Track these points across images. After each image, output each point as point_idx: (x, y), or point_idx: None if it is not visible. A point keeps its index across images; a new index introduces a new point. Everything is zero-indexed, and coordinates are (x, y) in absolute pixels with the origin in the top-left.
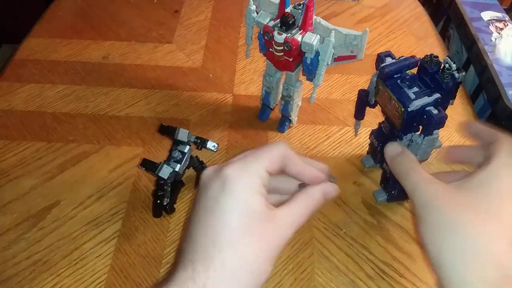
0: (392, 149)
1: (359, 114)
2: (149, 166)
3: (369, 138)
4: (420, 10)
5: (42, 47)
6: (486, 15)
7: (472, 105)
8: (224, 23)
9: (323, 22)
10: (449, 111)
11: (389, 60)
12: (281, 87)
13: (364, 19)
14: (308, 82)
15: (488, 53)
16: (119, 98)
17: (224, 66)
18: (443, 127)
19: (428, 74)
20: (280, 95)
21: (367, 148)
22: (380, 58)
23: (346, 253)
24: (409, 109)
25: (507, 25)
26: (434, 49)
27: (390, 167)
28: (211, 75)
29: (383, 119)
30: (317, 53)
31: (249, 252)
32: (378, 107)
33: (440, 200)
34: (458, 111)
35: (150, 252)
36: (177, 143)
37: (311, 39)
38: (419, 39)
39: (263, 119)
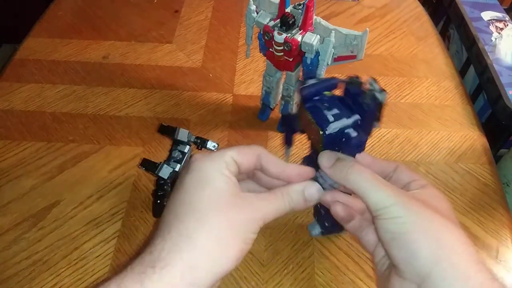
0: (327, 159)
1: (288, 141)
2: (149, 166)
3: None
4: (420, 10)
5: (42, 47)
6: (486, 15)
7: (472, 105)
8: (224, 23)
9: (323, 22)
10: (449, 110)
11: (311, 81)
12: (281, 87)
13: (364, 19)
14: None
15: (488, 53)
16: (119, 98)
17: (224, 66)
18: (363, 150)
19: (351, 96)
20: (280, 95)
21: None
22: (302, 80)
23: (346, 253)
24: (327, 132)
25: (507, 25)
26: (434, 49)
27: (332, 178)
28: (211, 75)
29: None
30: (317, 53)
31: (211, 222)
32: None
33: (425, 211)
34: (458, 111)
35: None
36: (177, 143)
37: (311, 39)
38: (419, 39)
39: (263, 119)
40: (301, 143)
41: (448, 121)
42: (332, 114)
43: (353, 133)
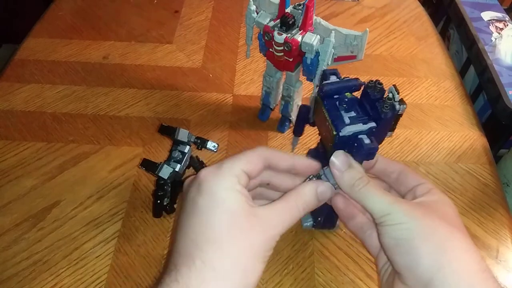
0: (341, 164)
1: (298, 131)
2: (149, 166)
3: (306, 157)
4: (420, 10)
5: (42, 47)
6: (486, 15)
7: (472, 105)
8: (224, 23)
9: (323, 22)
10: (449, 111)
11: (333, 78)
12: (281, 87)
13: (364, 19)
14: (308, 82)
15: (488, 53)
16: (119, 98)
17: (224, 66)
18: (372, 158)
19: (370, 100)
20: (280, 95)
21: None
22: (324, 75)
23: (346, 253)
24: (340, 134)
25: (507, 25)
26: (434, 49)
27: (339, 182)
28: (211, 75)
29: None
30: (317, 53)
31: (232, 248)
32: None
33: (428, 218)
34: (458, 111)
35: (150, 252)
36: (177, 143)
37: (311, 39)
38: (419, 39)
39: (263, 119)
40: (308, 137)
41: (448, 121)
42: (349, 116)
43: (366, 140)
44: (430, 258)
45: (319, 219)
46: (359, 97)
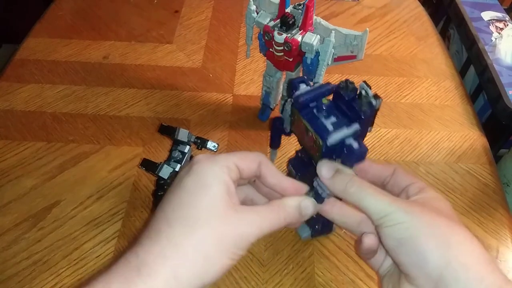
0: (327, 170)
1: (274, 143)
2: (149, 166)
3: (287, 167)
4: (420, 10)
5: (42, 47)
6: (486, 15)
7: (472, 105)
8: (224, 23)
9: (323, 22)
10: (449, 111)
11: (303, 87)
12: (281, 87)
13: (364, 19)
14: None
15: (488, 53)
16: (119, 98)
17: (224, 66)
18: (363, 161)
19: (345, 101)
20: (280, 95)
21: None
22: (293, 85)
23: (346, 253)
24: (328, 143)
25: (507, 25)
26: (434, 49)
27: (331, 189)
28: (211, 75)
29: (301, 147)
30: (317, 53)
31: (201, 232)
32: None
33: (427, 214)
34: (458, 111)
35: None
36: (177, 143)
37: (311, 39)
38: (419, 39)
39: (263, 119)
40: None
41: (448, 121)
42: (330, 122)
43: (355, 144)
44: (437, 254)
45: (316, 227)
46: (333, 100)
